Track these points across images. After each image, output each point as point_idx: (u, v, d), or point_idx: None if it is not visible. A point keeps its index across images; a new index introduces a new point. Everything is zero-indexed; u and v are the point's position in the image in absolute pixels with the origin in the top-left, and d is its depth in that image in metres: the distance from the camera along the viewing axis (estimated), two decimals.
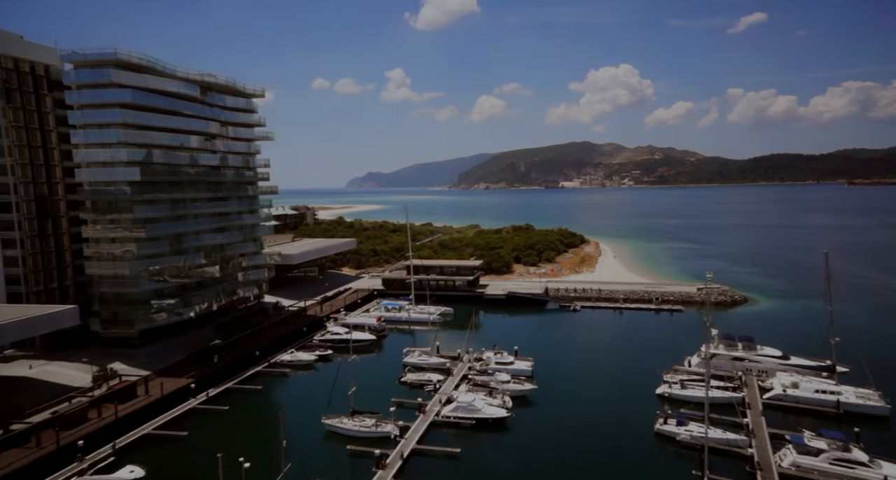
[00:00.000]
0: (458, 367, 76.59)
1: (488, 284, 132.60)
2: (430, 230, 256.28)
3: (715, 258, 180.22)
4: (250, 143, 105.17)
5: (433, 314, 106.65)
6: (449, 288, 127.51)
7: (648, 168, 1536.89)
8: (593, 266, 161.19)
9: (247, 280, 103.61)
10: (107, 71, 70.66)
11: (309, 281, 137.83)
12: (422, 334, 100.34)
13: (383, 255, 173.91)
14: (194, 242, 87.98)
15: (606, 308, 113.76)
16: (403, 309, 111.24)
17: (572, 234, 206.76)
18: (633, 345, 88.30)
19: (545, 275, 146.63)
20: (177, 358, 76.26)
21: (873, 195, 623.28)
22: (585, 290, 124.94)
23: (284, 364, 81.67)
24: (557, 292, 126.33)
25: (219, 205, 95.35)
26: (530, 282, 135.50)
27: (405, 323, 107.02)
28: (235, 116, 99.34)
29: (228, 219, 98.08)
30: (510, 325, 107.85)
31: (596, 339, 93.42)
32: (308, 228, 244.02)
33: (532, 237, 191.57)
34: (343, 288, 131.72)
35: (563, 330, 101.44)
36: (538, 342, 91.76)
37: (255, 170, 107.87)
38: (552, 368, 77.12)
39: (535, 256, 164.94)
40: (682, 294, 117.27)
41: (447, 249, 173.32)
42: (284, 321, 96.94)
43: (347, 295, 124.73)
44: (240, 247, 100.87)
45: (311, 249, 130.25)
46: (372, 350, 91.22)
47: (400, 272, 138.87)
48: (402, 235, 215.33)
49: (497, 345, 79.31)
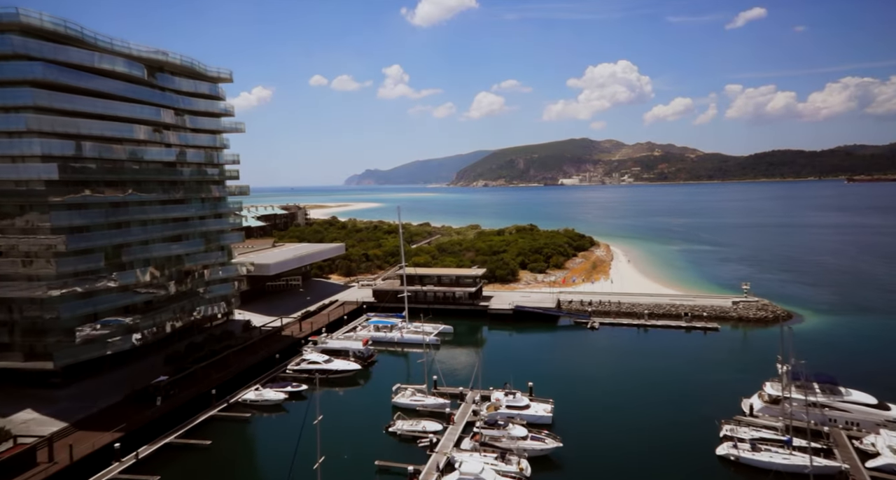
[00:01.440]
0: (461, 410, 61.82)
1: (493, 296, 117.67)
2: (428, 231, 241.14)
3: (736, 262, 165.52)
4: (216, 136, 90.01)
5: (430, 334, 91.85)
6: (448, 301, 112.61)
7: (648, 165, 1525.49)
8: (607, 272, 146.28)
9: (211, 296, 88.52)
10: (8, 38, 55.28)
11: (290, 293, 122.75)
12: (417, 359, 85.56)
13: (376, 261, 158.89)
14: (141, 254, 72.82)
15: (629, 325, 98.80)
16: (396, 327, 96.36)
17: (581, 236, 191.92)
18: (669, 377, 73.33)
19: (555, 284, 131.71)
20: (109, 402, 61.22)
21: (879, 192, 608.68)
22: (602, 303, 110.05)
23: (247, 404, 66.71)
24: (571, 305, 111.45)
25: (174, 208, 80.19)
26: (539, 293, 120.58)
27: (397, 345, 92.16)
28: (195, 103, 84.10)
29: (187, 225, 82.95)
30: (519, 347, 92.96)
31: (622, 367, 78.51)
32: (297, 229, 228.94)
33: (538, 239, 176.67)
34: (328, 300, 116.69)
35: (582, 354, 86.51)
36: (554, 371, 76.88)
37: (222, 168, 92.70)
38: (575, 412, 62.31)
39: (543, 262, 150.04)
40: (714, 308, 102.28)
41: (446, 254, 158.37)
42: (254, 346, 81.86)
43: (332, 310, 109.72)
44: (202, 258, 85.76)
45: (291, 257, 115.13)
46: (356, 381, 76.28)
47: (393, 281, 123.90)
48: (397, 237, 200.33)
49: (508, 384, 64.37)
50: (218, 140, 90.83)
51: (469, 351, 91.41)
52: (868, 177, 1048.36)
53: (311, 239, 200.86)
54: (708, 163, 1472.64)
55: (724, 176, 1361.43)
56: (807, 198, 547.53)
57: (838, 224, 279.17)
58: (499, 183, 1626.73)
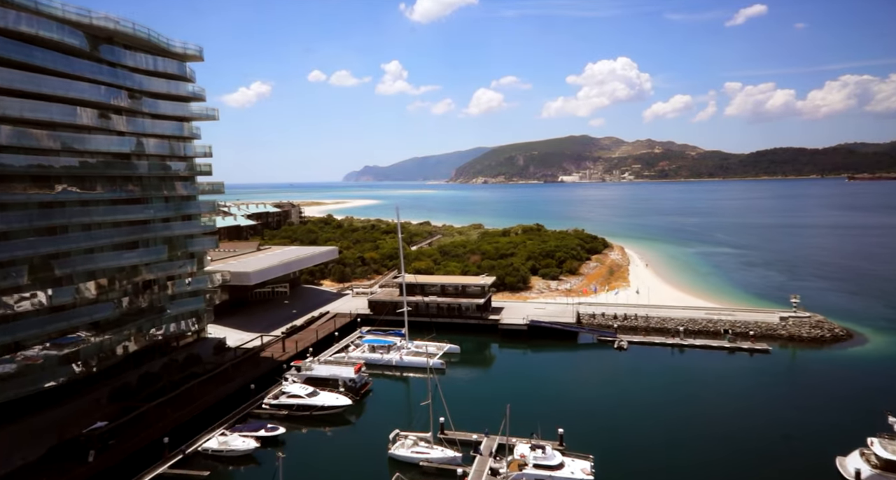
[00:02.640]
0: (476, 467, 48.74)
1: (503, 307, 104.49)
2: (428, 231, 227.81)
3: (763, 267, 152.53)
4: (183, 124, 76.53)
5: (434, 356, 78.84)
6: (453, 314, 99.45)
7: (649, 162, 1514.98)
8: (626, 279, 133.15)
9: (177, 312, 75.21)
10: None
11: (276, 303, 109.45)
12: (419, 387, 72.55)
13: (373, 265, 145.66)
14: (83, 266, 59.52)
15: (662, 345, 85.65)
16: (394, 347, 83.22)
17: (593, 238, 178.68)
18: (726, 419, 60.14)
19: (570, 293, 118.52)
20: (26, 458, 48.02)
21: (885, 190, 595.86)
22: (628, 317, 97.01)
23: (208, 455, 53.57)
24: (593, 319, 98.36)
25: (129, 209, 66.83)
26: (555, 304, 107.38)
27: (396, 369, 79.07)
28: (155, 84, 70.61)
29: (146, 229, 69.57)
30: (538, 372, 79.62)
31: (667, 404, 65.30)
32: (290, 229, 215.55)
33: (548, 241, 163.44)
34: (318, 312, 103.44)
35: (615, 383, 73.23)
36: (586, 408, 63.71)
37: (192, 162, 79.26)
38: (621, 470, 49.24)
39: (556, 266, 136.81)
40: (759, 325, 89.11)
41: (448, 257, 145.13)
42: (225, 374, 68.56)
43: (322, 324, 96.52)
44: (165, 268, 72.39)
45: (276, 263, 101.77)
46: (346, 419, 63.16)
47: (391, 290, 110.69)
48: (396, 238, 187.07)
49: (535, 434, 51.22)
50: (186, 129, 77.36)
51: (480, 376, 78.46)
52: (870, 175, 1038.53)
53: (304, 239, 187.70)
54: (709, 161, 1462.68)
55: (725, 173, 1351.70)
56: (815, 197, 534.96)
57: (857, 224, 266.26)
58: (498, 180, 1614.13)
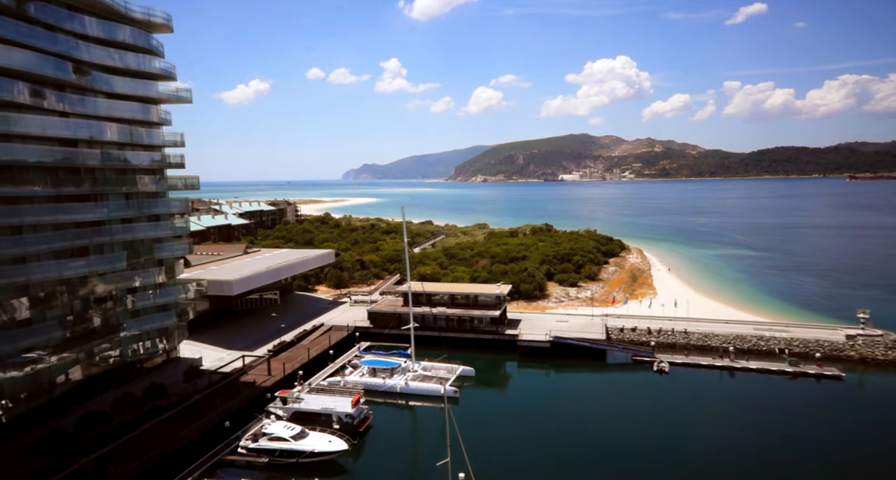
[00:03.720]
0: None
1: (520, 319, 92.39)
2: (431, 231, 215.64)
3: (796, 271, 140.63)
4: (149, 106, 64.25)
5: (445, 380, 66.93)
6: (464, 327, 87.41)
7: (649, 160, 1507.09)
8: (652, 286, 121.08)
9: (141, 330, 63.04)
10: None
11: (263, 313, 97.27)
12: (428, 420, 60.72)
13: (373, 268, 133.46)
14: (8, 277, 47.33)
15: (709, 367, 73.62)
16: (398, 369, 71.15)
17: (609, 239, 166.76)
18: (797, 465, 48.25)
19: (593, 302, 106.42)
20: None
21: (891, 189, 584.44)
22: (663, 332, 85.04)
23: None
24: (622, 334, 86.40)
25: (75, 208, 54.61)
26: (578, 316, 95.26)
27: (401, 398, 67.05)
28: (111, 56, 58.34)
29: (99, 232, 57.36)
30: (568, 402, 66.92)
31: (727, 443, 53.30)
32: (285, 228, 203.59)
33: (561, 243, 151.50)
34: (311, 324, 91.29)
35: (660, 414, 61.06)
36: (632, 448, 51.50)
37: (162, 153, 67.00)
38: None
39: (574, 271, 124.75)
40: (822, 344, 77.03)
41: (455, 260, 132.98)
42: (195, 408, 56.38)
43: (315, 339, 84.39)
44: (123, 279, 60.18)
45: (263, 270, 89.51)
46: (342, 469, 51.12)
47: (393, 300, 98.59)
48: (397, 239, 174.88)
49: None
50: (153, 113, 65.10)
51: (500, 407, 66.30)
52: (872, 174, 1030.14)
53: (299, 239, 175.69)
54: (710, 160, 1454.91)
55: (726, 172, 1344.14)
56: (822, 196, 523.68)
57: (878, 225, 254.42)
58: (498, 178, 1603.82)
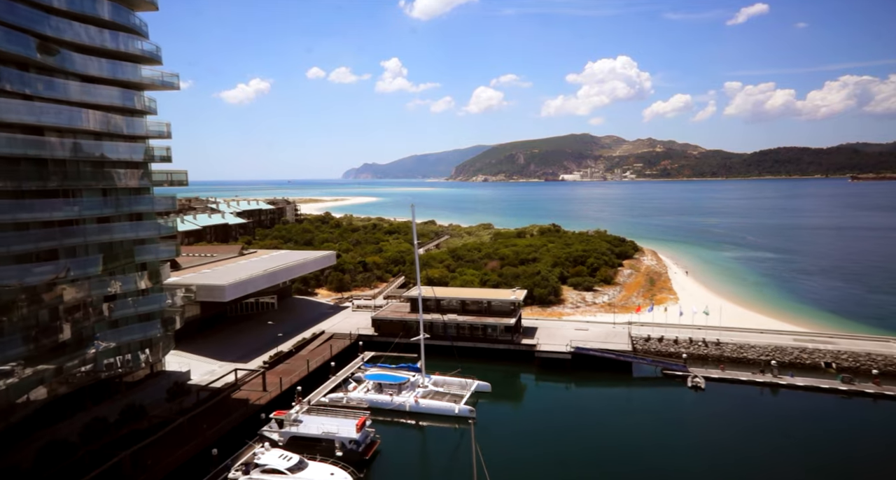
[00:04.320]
0: None
1: (535, 327, 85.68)
2: (434, 231, 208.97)
3: (822, 275, 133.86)
4: (131, 93, 57.45)
5: (460, 398, 60.33)
6: (476, 336, 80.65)
7: (651, 161, 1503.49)
8: (671, 290, 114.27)
9: (121, 342, 56.31)
10: None
11: (259, 320, 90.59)
12: (442, 443, 54.05)
13: (376, 271, 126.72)
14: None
15: (749, 383, 66.79)
16: (407, 385, 64.35)
17: (621, 240, 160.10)
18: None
19: (611, 308, 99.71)
20: None
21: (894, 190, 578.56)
22: (694, 342, 78.28)
23: None
24: (647, 344, 79.68)
25: (42, 206, 47.87)
26: (599, 323, 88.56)
27: (410, 417, 60.30)
28: (85, 34, 51.56)
29: (71, 232, 50.59)
30: (594, 421, 60.00)
31: (779, 475, 46.59)
32: (284, 228, 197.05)
33: (572, 245, 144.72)
34: (311, 332, 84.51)
35: (700, 439, 54.33)
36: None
37: (147, 145, 60.26)
38: None
39: (588, 275, 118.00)
40: (872, 357, 70.22)
41: (462, 263, 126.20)
42: (178, 433, 49.62)
43: (315, 349, 77.62)
44: (99, 286, 53.42)
45: (259, 274, 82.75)
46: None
47: (399, 306, 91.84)
48: (400, 239, 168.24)
49: None
50: (135, 100, 58.33)
51: (521, 427, 59.33)
52: (875, 175, 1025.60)
53: (299, 239, 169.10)
54: (711, 160, 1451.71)
55: (728, 173, 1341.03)
56: (830, 197, 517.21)
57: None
58: (499, 178, 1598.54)
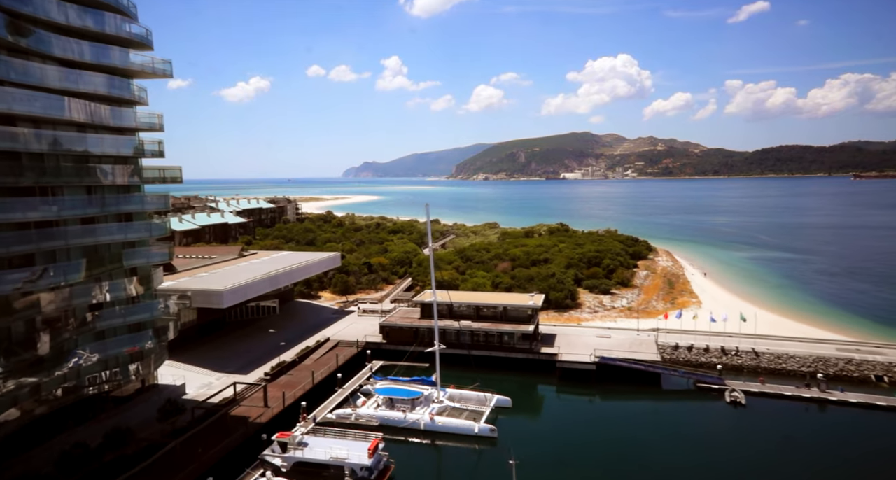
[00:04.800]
0: None
1: (554, 334, 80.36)
2: (440, 230, 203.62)
3: (849, 277, 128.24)
4: (114, 79, 52.07)
5: (479, 415, 55.12)
6: (492, 344, 75.36)
7: (652, 159, 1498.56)
8: (692, 293, 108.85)
9: (107, 355, 51.04)
10: None
11: (260, 326, 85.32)
12: (459, 465, 48.77)
13: (381, 272, 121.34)
14: None
15: (796, 399, 61.28)
16: (421, 400, 59.01)
17: (634, 240, 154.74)
18: None
19: (630, 312, 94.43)
20: None
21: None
22: (727, 352, 72.94)
23: None
24: (676, 353, 74.34)
25: (13, 205, 42.54)
26: (619, 328, 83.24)
27: (425, 436, 54.99)
28: (64, 13, 46.18)
29: (49, 234, 45.28)
30: (624, 443, 54.40)
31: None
32: (285, 227, 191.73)
33: (584, 245, 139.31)
34: (315, 339, 79.17)
35: (743, 466, 48.88)
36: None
37: (137, 138, 54.95)
38: None
39: (604, 277, 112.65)
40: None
41: (471, 264, 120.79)
42: (170, 458, 44.36)
43: (320, 359, 72.27)
44: (84, 293, 48.10)
45: (260, 278, 77.42)
46: None
47: (408, 312, 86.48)
48: (405, 239, 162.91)
49: None
50: (123, 87, 52.97)
51: (544, 445, 53.77)
52: (878, 173, 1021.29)
53: (300, 239, 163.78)
54: (713, 158, 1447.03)
55: (730, 171, 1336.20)
56: (839, 195, 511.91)
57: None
58: (499, 176, 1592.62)
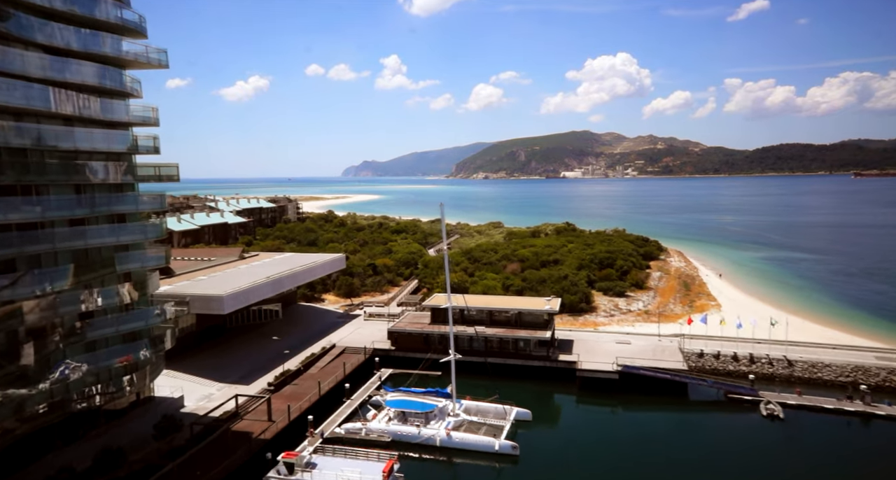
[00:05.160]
0: None
1: (570, 340, 76.36)
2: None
3: (870, 278, 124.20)
4: (105, 69, 47.98)
5: (499, 430, 51.13)
6: (506, 351, 71.39)
7: (652, 158, 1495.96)
8: (710, 295, 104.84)
9: (98, 368, 47.02)
10: None
11: (262, 331, 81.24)
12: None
13: (386, 274, 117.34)
14: None
15: (836, 413, 57.31)
16: (435, 413, 54.97)
17: (644, 240, 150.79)
18: None
19: (649, 316, 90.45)
20: None
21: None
22: (756, 359, 68.97)
23: None
24: (702, 360, 70.37)
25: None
26: (639, 333, 79.24)
27: (441, 454, 51.00)
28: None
29: (34, 238, 41.27)
30: (653, 460, 50.60)
31: None
32: (286, 227, 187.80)
33: (594, 245, 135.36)
34: (320, 346, 75.15)
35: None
36: None
37: (130, 132, 50.90)
38: None
39: (617, 278, 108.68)
40: None
41: (479, 265, 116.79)
42: (167, 479, 40.40)
43: (326, 367, 68.27)
44: (72, 301, 44.06)
45: (262, 281, 73.35)
46: None
47: (417, 316, 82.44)
48: (409, 239, 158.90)
49: None
50: (114, 78, 48.88)
51: (568, 462, 49.82)
52: (879, 171, 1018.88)
53: (302, 239, 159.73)
54: (714, 157, 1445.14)
55: (730, 169, 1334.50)
56: (842, 193, 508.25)
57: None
58: (499, 175, 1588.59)
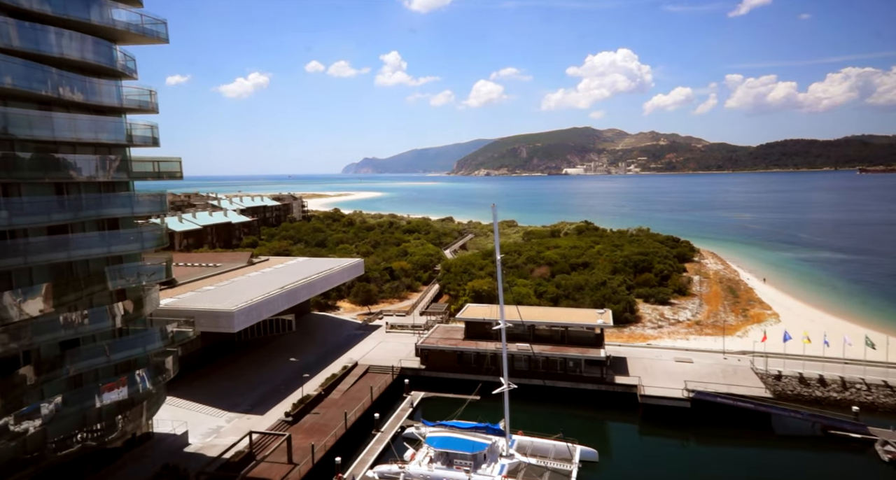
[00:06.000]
0: None
1: (622, 357, 67.62)
2: (457, 229, 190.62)
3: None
4: (88, 40, 39.11)
5: (568, 476, 42.50)
6: (553, 373, 62.69)
7: (655, 154, 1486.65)
8: (763, 303, 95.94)
9: (83, 408, 38.35)
10: None
11: (274, 347, 72.49)
12: None
13: (404, 279, 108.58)
14: None
15: None
16: (486, 453, 46.01)
17: (675, 241, 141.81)
18: None
19: (700, 327, 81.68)
20: None
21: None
22: (848, 384, 60.16)
23: None
24: (782, 384, 61.61)
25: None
26: (696, 349, 70.49)
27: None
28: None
29: (3, 250, 32.43)
30: None
31: None
32: (292, 226, 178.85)
33: (624, 246, 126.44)
34: (340, 364, 66.43)
35: None
36: None
37: (123, 119, 42.11)
38: None
39: (657, 284, 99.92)
40: None
41: (505, 269, 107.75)
42: None
43: (349, 391, 59.58)
44: (51, 328, 35.29)
45: (275, 293, 64.51)
46: None
47: (448, 330, 73.69)
48: (422, 240, 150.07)
49: None
50: (107, 54, 40.08)
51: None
52: (885, 167, 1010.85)
53: (310, 239, 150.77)
54: (717, 153, 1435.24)
55: (734, 166, 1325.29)
56: (858, 190, 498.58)
57: None
58: (501, 172, 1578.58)
